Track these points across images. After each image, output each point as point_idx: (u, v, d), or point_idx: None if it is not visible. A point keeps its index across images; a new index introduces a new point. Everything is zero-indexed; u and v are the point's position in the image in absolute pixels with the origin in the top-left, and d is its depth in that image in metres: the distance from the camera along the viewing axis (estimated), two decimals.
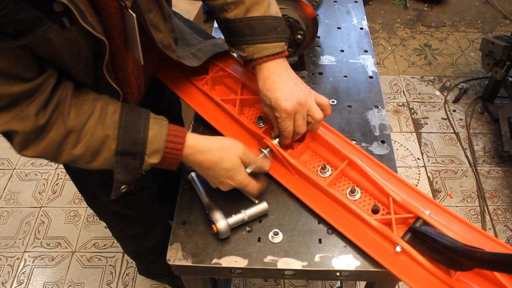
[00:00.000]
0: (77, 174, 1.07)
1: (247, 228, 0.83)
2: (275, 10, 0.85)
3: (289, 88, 0.80)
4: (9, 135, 0.66)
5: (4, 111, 0.62)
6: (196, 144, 0.76)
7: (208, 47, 1.00)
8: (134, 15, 0.68)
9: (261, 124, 0.93)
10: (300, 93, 0.81)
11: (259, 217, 0.84)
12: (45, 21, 0.56)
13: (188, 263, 0.78)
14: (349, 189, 0.84)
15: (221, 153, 0.77)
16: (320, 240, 0.81)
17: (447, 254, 0.69)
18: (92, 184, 1.07)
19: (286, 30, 0.85)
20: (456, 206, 1.99)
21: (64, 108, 0.67)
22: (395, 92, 2.52)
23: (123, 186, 0.74)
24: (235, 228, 0.82)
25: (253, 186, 0.81)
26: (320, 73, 1.15)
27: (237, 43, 0.84)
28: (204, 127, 0.99)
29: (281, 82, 0.81)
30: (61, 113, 0.67)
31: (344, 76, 1.13)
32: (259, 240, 0.81)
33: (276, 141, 0.86)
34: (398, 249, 0.75)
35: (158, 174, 1.50)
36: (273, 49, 0.82)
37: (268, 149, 0.85)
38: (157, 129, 0.72)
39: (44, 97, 0.65)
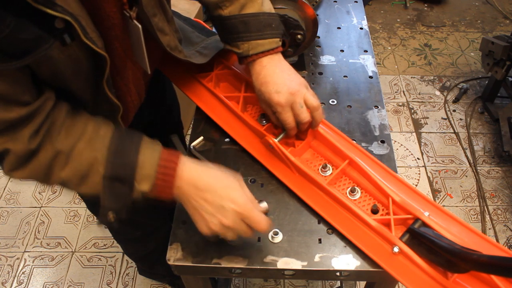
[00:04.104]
0: None
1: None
2: (268, 6, 0.85)
3: (281, 80, 0.80)
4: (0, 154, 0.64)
5: None
6: (191, 168, 0.70)
7: (212, 43, 1.00)
8: (140, 26, 0.67)
9: (264, 121, 0.93)
10: (292, 83, 0.80)
11: None
12: (47, 38, 0.55)
13: (188, 263, 0.78)
14: (349, 189, 0.84)
15: (218, 172, 0.72)
16: (320, 240, 0.81)
17: (445, 256, 0.69)
18: None
19: (280, 26, 0.85)
20: (456, 206, 1.99)
21: (55, 130, 0.65)
22: (395, 92, 2.52)
23: (111, 214, 0.69)
24: None
25: (260, 216, 0.70)
26: (320, 73, 1.15)
27: (232, 39, 0.84)
28: (204, 127, 0.99)
29: (272, 76, 0.80)
30: (50, 134, 0.65)
31: (344, 76, 1.13)
32: (259, 240, 0.81)
33: (281, 136, 0.86)
34: (395, 249, 0.75)
35: None
36: (268, 45, 0.82)
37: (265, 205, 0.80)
38: (149, 154, 0.68)
39: (40, 120, 0.63)
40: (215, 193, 0.69)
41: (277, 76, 0.80)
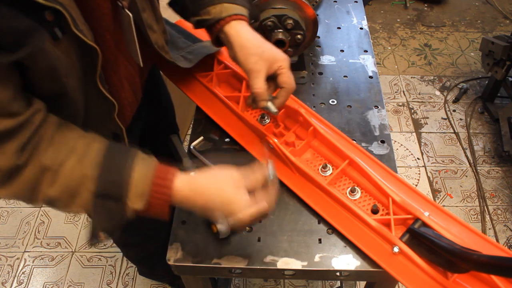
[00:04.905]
0: None
1: (247, 228, 0.83)
2: None
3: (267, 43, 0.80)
4: None
5: None
6: (186, 185, 0.67)
7: (198, 49, 1.00)
8: (131, 14, 0.67)
9: (264, 121, 0.93)
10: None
11: None
12: (39, 29, 0.53)
13: (188, 263, 0.78)
14: (349, 189, 0.84)
15: (214, 187, 0.69)
16: (320, 240, 0.81)
17: (445, 256, 0.69)
18: None
19: (247, 1, 0.84)
20: (456, 206, 1.99)
21: (42, 144, 0.61)
22: (395, 92, 2.52)
23: (101, 234, 0.67)
24: None
25: (258, 208, 0.68)
26: (320, 73, 1.15)
27: (202, 6, 0.81)
28: (204, 127, 1.00)
29: (262, 38, 0.79)
30: (37, 149, 0.61)
31: (344, 76, 1.13)
32: (259, 240, 0.81)
33: (270, 105, 0.83)
34: (395, 249, 0.75)
35: None
36: (240, 10, 0.79)
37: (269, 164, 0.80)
38: (142, 170, 0.65)
39: (28, 134, 0.59)
40: (214, 213, 0.68)
41: (261, 39, 0.79)
